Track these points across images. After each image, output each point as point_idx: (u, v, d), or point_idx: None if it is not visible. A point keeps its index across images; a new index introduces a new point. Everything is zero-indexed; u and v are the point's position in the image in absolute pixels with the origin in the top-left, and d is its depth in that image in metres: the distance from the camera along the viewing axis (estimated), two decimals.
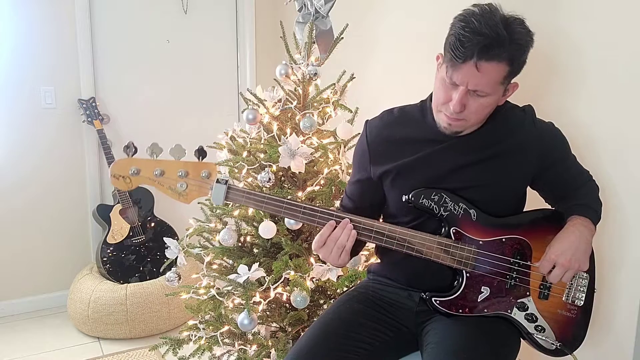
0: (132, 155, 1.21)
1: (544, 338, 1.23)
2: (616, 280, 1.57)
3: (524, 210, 1.34)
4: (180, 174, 1.22)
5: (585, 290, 1.25)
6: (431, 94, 1.29)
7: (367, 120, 1.37)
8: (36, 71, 2.67)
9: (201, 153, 1.24)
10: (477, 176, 1.24)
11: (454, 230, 1.23)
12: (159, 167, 1.21)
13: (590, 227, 1.25)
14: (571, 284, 1.25)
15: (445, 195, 1.22)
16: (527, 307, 1.24)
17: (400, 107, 1.36)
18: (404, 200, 1.24)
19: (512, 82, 1.20)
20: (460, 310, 1.23)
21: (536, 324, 1.24)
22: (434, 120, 1.25)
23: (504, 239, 1.24)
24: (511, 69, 1.13)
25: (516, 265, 1.23)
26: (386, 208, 1.38)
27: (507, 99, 1.27)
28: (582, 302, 1.25)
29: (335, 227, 1.21)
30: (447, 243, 1.22)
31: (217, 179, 1.22)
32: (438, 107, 1.20)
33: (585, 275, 1.25)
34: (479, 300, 1.23)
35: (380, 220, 1.39)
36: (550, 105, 1.68)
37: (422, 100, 1.33)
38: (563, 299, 1.25)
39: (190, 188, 1.22)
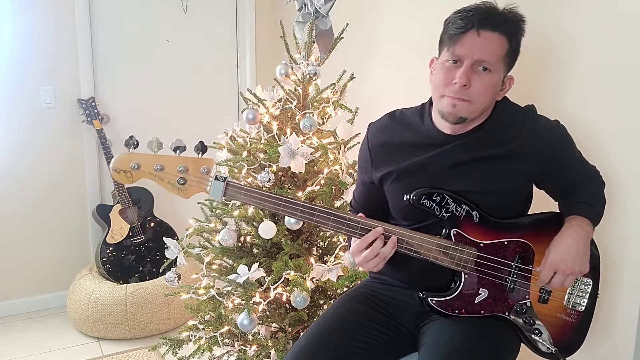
0: (134, 150, 1.22)
1: (540, 341, 1.22)
2: (617, 284, 1.55)
3: (530, 210, 1.33)
4: (180, 169, 1.22)
5: (587, 295, 1.24)
6: (431, 97, 1.29)
7: (370, 123, 1.37)
8: (35, 71, 2.66)
9: (201, 148, 1.24)
10: (477, 181, 1.22)
11: (454, 232, 1.22)
12: (159, 162, 1.21)
13: (588, 229, 1.22)
14: (573, 288, 1.24)
15: (447, 196, 1.21)
16: (525, 310, 1.23)
17: (402, 110, 1.35)
18: (405, 199, 1.23)
19: (509, 75, 1.21)
20: (457, 311, 1.22)
21: (534, 327, 1.23)
22: (433, 124, 1.25)
23: (505, 242, 1.22)
24: (510, 47, 1.16)
25: (517, 269, 1.22)
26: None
27: (508, 98, 1.26)
28: (583, 308, 1.24)
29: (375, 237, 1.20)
30: (446, 245, 1.21)
31: (216, 176, 1.22)
32: (441, 91, 1.18)
33: (587, 280, 1.24)
34: (476, 302, 1.22)
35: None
36: (550, 102, 1.68)
37: (422, 104, 1.32)
38: (564, 303, 1.24)
39: (189, 183, 1.22)
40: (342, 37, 1.84)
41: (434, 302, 1.22)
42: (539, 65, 1.71)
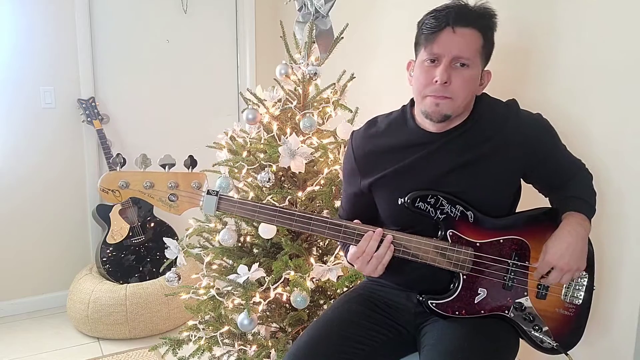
0: (121, 167, 1.19)
1: (541, 336, 1.23)
2: (616, 279, 1.56)
3: (519, 204, 1.33)
4: (170, 185, 1.19)
5: (584, 289, 1.25)
6: (412, 98, 1.30)
7: (352, 132, 1.37)
8: (36, 71, 2.66)
9: (191, 163, 1.22)
10: (466, 179, 1.22)
11: (450, 233, 1.21)
12: (149, 180, 1.18)
13: (586, 224, 1.23)
14: (569, 282, 1.25)
15: (441, 198, 1.21)
16: (525, 307, 1.23)
17: (382, 116, 1.35)
18: (399, 203, 1.22)
19: (486, 69, 1.22)
20: (457, 312, 1.22)
21: (534, 323, 1.23)
22: (416, 124, 1.26)
23: (501, 240, 1.23)
24: (484, 41, 1.18)
25: (514, 266, 1.23)
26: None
27: (488, 93, 1.27)
28: (581, 301, 1.25)
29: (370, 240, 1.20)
30: (443, 246, 1.21)
31: (208, 190, 1.20)
32: (422, 92, 1.19)
33: (583, 273, 1.25)
34: (475, 302, 1.22)
35: None
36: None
37: (402, 106, 1.33)
38: (561, 297, 1.25)
39: (180, 199, 1.20)
40: (342, 37, 1.84)
41: (433, 304, 1.22)
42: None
